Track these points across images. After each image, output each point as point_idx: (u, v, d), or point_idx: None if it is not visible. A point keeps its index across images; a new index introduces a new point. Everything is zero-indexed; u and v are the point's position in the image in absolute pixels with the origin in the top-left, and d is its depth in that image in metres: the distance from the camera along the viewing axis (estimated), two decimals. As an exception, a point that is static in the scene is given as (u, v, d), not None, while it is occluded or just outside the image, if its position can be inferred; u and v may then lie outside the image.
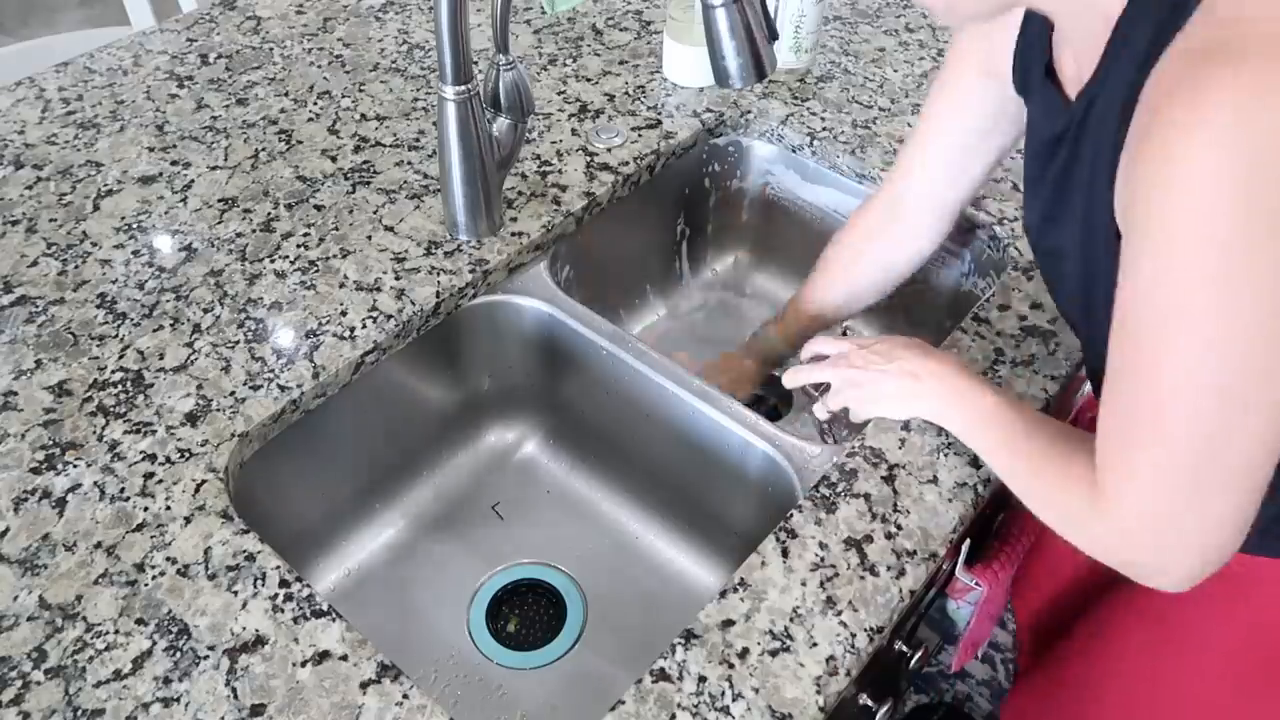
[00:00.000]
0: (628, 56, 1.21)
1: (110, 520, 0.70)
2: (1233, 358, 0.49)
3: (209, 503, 0.71)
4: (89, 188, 0.98)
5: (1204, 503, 0.54)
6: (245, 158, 1.03)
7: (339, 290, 0.88)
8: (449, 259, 0.92)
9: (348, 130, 1.07)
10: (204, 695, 0.61)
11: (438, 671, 0.90)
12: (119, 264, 0.90)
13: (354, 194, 0.99)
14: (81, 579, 0.67)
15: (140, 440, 0.75)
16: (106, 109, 1.09)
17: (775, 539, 0.71)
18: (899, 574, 0.70)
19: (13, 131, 1.05)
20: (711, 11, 0.71)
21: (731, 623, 0.66)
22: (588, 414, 1.00)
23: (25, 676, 0.62)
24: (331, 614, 0.66)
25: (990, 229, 1.00)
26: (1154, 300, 0.50)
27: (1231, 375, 0.49)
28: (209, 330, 0.84)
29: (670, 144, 1.08)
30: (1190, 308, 0.49)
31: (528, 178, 1.02)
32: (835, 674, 0.64)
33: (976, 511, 0.76)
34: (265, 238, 0.93)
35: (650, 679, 0.63)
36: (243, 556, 0.68)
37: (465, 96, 0.83)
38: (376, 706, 0.61)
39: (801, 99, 1.15)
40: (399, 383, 0.91)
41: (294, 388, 0.80)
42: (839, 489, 0.75)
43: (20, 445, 0.75)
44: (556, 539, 1.00)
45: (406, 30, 1.23)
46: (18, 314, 0.85)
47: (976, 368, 0.84)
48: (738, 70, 0.73)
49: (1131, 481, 0.56)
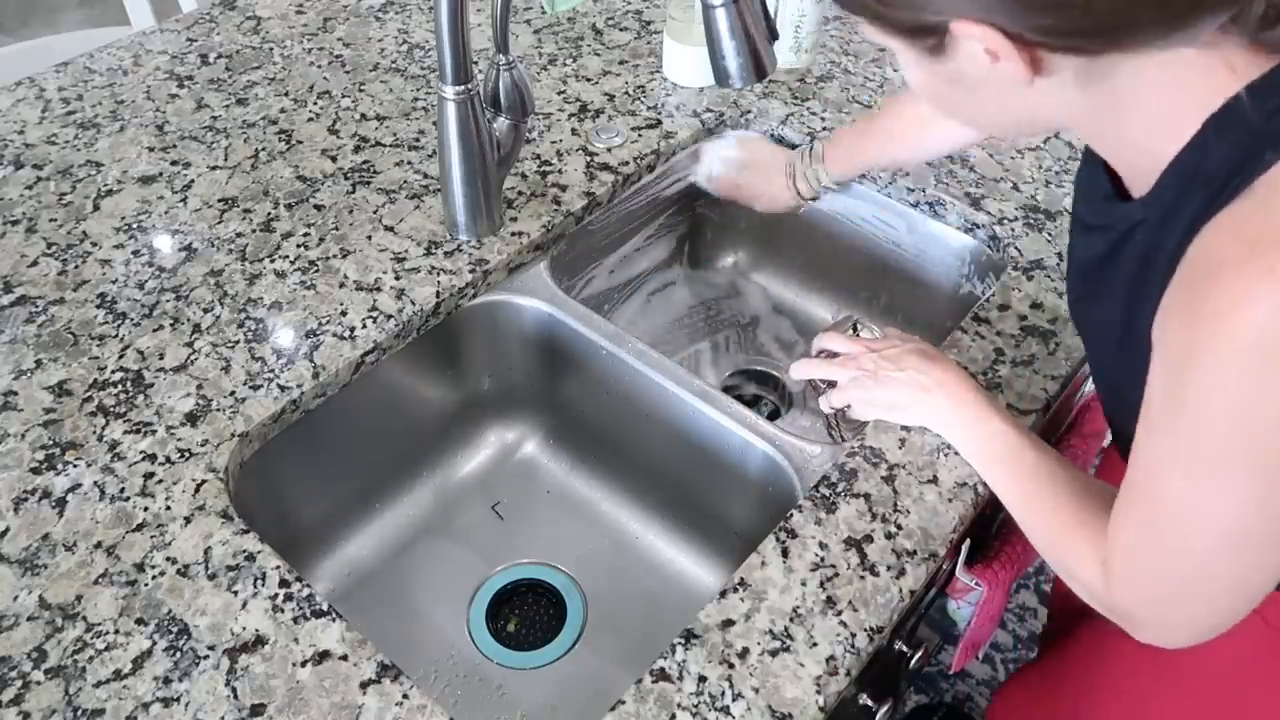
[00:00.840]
0: (628, 56, 1.21)
1: (110, 520, 0.70)
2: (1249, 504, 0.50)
3: (209, 503, 0.71)
4: (89, 188, 0.98)
5: (1213, 601, 0.56)
6: (245, 158, 1.03)
7: (339, 290, 0.88)
8: (449, 259, 0.92)
9: (348, 130, 1.07)
10: (204, 695, 0.61)
11: (438, 671, 0.90)
12: (119, 264, 0.90)
13: (354, 194, 0.99)
14: (81, 579, 0.67)
15: (140, 440, 0.75)
16: (106, 109, 1.09)
17: (775, 539, 0.71)
18: (899, 574, 0.70)
19: (13, 131, 1.05)
20: (711, 11, 0.71)
21: (731, 623, 0.66)
22: (588, 414, 1.00)
23: (25, 676, 0.62)
24: (331, 614, 0.66)
25: (990, 229, 1.00)
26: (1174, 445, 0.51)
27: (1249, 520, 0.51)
28: (209, 330, 0.84)
29: (670, 144, 1.08)
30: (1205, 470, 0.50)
31: (528, 178, 1.02)
32: (835, 674, 0.64)
33: (976, 511, 0.76)
34: (265, 238, 0.93)
35: (650, 679, 0.63)
36: (243, 556, 0.68)
37: (465, 96, 0.83)
38: (376, 706, 0.61)
39: (801, 99, 1.15)
40: (399, 383, 0.91)
41: (294, 388, 0.80)
42: (839, 489, 0.75)
43: (20, 445, 0.75)
44: (556, 539, 1.00)
45: (406, 30, 1.23)
46: (18, 314, 0.85)
47: (976, 368, 0.84)
48: (738, 70, 0.73)
49: (1140, 585, 0.58)
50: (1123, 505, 0.58)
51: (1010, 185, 1.03)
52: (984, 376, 0.84)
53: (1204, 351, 0.47)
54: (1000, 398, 0.82)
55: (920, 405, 0.75)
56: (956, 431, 0.74)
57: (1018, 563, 0.85)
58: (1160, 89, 0.51)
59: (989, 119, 0.62)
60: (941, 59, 0.52)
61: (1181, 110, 0.51)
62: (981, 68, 0.51)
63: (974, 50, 0.50)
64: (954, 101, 0.59)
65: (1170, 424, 0.51)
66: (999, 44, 0.49)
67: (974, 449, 0.73)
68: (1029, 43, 0.49)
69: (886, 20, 0.52)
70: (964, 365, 0.84)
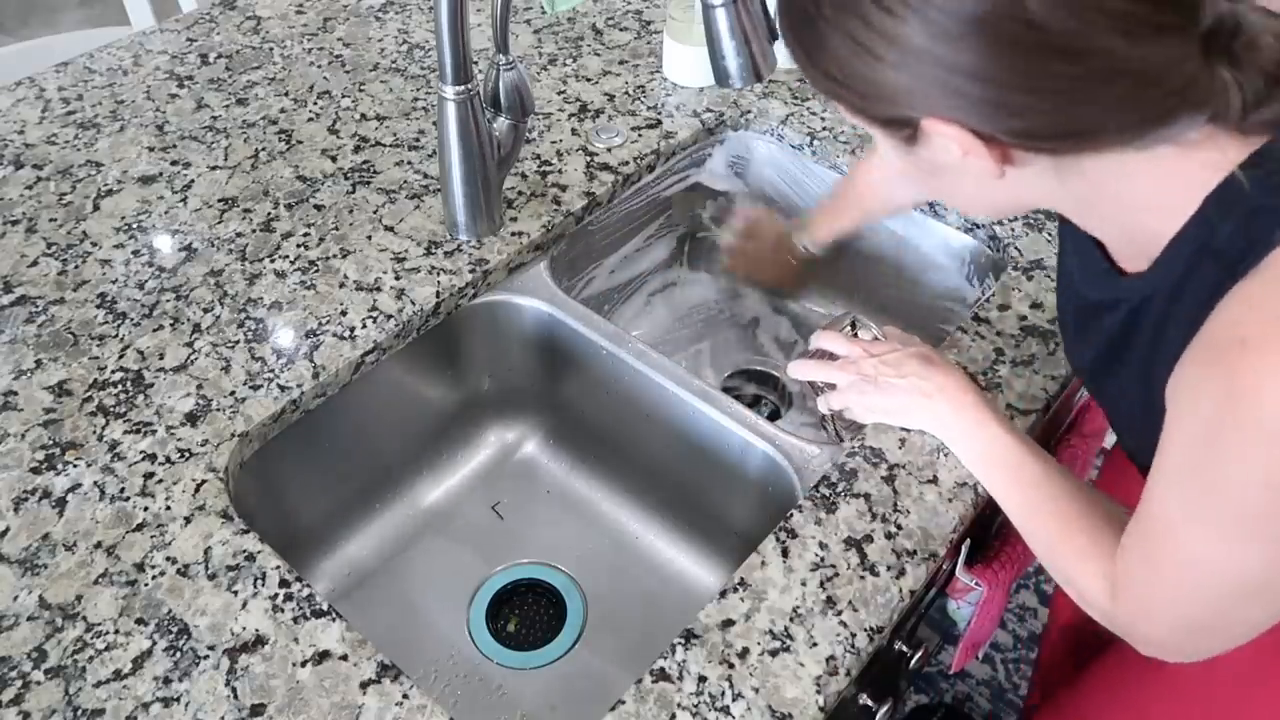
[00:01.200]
0: (628, 56, 1.21)
1: (110, 520, 0.70)
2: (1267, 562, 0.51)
3: (209, 503, 0.71)
4: (89, 188, 0.98)
5: (1224, 635, 0.57)
6: (245, 158, 1.03)
7: (339, 290, 0.88)
8: (449, 259, 0.92)
9: (348, 130, 1.07)
10: (204, 695, 0.61)
11: (438, 671, 0.90)
12: (119, 264, 0.90)
13: (354, 194, 0.99)
14: (81, 579, 0.67)
15: (140, 440, 0.75)
16: (106, 109, 1.09)
17: (775, 539, 0.71)
18: (899, 574, 0.70)
19: (13, 131, 1.05)
20: (711, 11, 0.71)
21: (731, 623, 0.66)
22: (588, 414, 1.00)
23: (25, 676, 0.62)
24: (331, 614, 0.66)
25: (990, 229, 1.00)
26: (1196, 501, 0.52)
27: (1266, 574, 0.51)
28: (209, 330, 0.84)
29: (670, 144, 1.08)
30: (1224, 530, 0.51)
31: (528, 178, 1.02)
32: (835, 674, 0.64)
33: (976, 511, 0.76)
34: (265, 238, 0.93)
35: (650, 679, 0.63)
36: (243, 556, 0.68)
37: (465, 96, 0.83)
38: (376, 706, 0.61)
39: (801, 99, 1.15)
40: (399, 383, 0.91)
41: (294, 388, 0.80)
42: (839, 489, 0.75)
43: (20, 445, 0.75)
44: (556, 539, 1.00)
45: (406, 30, 1.23)
46: (18, 314, 0.85)
47: (976, 368, 0.84)
48: (738, 70, 0.74)
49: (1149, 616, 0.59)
50: (1136, 540, 0.58)
51: (1010, 185, 1.03)
52: (984, 376, 0.84)
53: (1231, 426, 0.48)
54: (1000, 398, 0.82)
55: (922, 411, 0.75)
56: (957, 437, 0.74)
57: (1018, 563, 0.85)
58: (1150, 178, 0.53)
59: (967, 203, 0.65)
60: (915, 149, 0.55)
61: (1176, 192, 0.53)
62: (954, 159, 0.53)
63: (945, 145, 0.52)
64: (932, 186, 0.63)
65: (1191, 482, 0.52)
66: (968, 142, 0.51)
67: (975, 455, 0.73)
68: (999, 141, 0.51)
69: (864, 112, 0.54)
70: (964, 365, 0.84)
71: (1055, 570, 0.68)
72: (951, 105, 0.50)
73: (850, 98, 0.54)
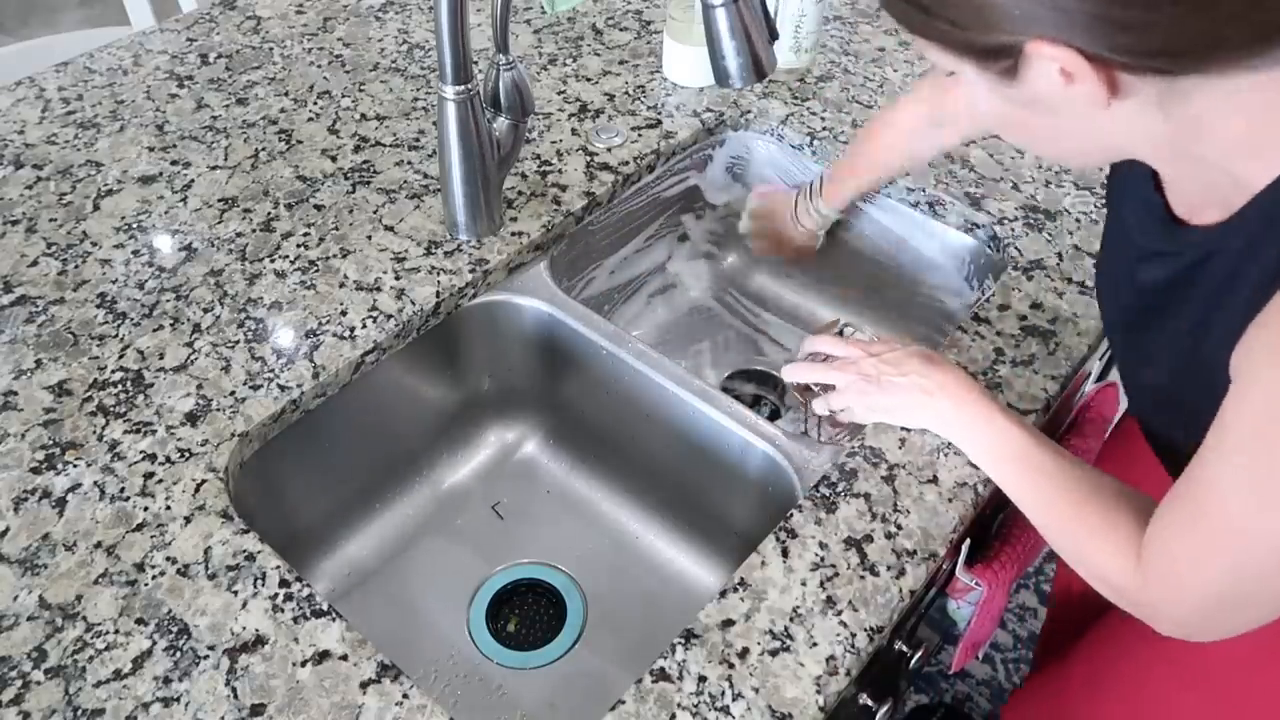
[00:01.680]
0: (628, 56, 1.21)
1: (110, 520, 0.70)
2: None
3: (209, 503, 0.71)
4: (89, 187, 0.98)
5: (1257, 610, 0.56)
6: (245, 157, 1.03)
7: (339, 290, 0.88)
8: (449, 259, 0.92)
9: (348, 130, 1.07)
10: (204, 695, 0.61)
11: (438, 671, 0.90)
12: (119, 264, 0.90)
13: (354, 194, 0.99)
14: (81, 579, 0.67)
15: (140, 440, 0.75)
16: (106, 109, 1.09)
17: (775, 539, 0.71)
18: (899, 574, 0.70)
19: (13, 131, 1.05)
20: (711, 11, 0.71)
21: (731, 623, 0.66)
22: (588, 414, 1.00)
23: (25, 676, 0.62)
24: (331, 614, 0.66)
25: (990, 229, 1.00)
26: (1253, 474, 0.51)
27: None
28: (209, 330, 0.84)
29: (670, 144, 1.08)
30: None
31: (528, 178, 1.02)
32: (835, 674, 0.64)
33: (976, 511, 0.76)
34: (265, 237, 0.93)
35: (650, 679, 0.63)
36: (243, 556, 0.68)
37: (465, 96, 0.83)
38: (376, 706, 0.61)
39: (801, 99, 1.15)
40: (399, 383, 0.91)
41: (294, 387, 0.80)
42: (839, 489, 0.75)
43: (20, 445, 0.75)
44: (556, 539, 1.00)
45: (406, 30, 1.23)
46: (18, 314, 0.85)
47: (976, 368, 0.84)
48: (738, 70, 0.73)
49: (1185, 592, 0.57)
50: (1174, 515, 0.57)
51: (1010, 185, 1.03)
52: (984, 376, 0.84)
53: None
54: (1000, 398, 0.82)
55: (924, 409, 0.75)
56: (963, 434, 0.73)
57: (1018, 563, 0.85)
58: (1251, 112, 0.49)
59: (1060, 147, 0.60)
60: (1014, 83, 0.51)
61: (1273, 135, 0.50)
62: (1056, 91, 0.49)
63: (1049, 72, 0.49)
64: (1025, 129, 0.58)
65: (1251, 453, 0.51)
66: (1076, 64, 0.47)
67: (982, 450, 0.72)
68: (1108, 63, 0.47)
69: (958, 43, 0.51)
70: (964, 365, 0.84)
71: (1074, 557, 0.66)
72: (1060, 23, 0.46)
73: (946, 29, 0.50)
